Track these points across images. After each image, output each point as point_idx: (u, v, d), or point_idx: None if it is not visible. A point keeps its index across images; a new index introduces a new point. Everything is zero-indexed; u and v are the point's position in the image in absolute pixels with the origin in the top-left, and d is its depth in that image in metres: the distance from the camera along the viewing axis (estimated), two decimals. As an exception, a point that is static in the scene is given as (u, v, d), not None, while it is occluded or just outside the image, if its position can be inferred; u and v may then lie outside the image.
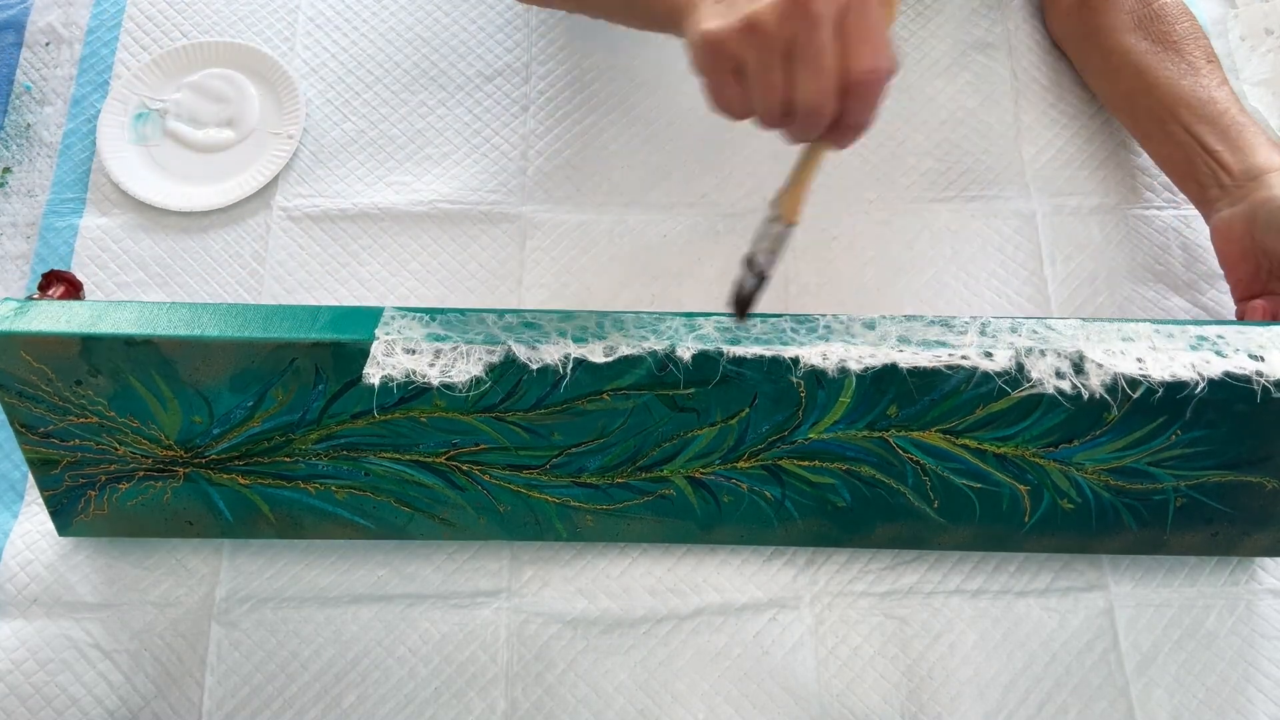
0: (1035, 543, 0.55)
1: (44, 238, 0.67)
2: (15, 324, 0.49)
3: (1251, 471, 0.51)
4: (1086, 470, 0.52)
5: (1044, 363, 0.49)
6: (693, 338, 0.49)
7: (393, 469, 0.53)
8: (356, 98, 0.71)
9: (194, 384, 0.50)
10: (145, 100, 0.70)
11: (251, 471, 0.53)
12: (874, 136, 0.70)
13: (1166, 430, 0.50)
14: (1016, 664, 0.56)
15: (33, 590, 0.57)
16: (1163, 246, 0.67)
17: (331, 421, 0.51)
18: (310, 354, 0.49)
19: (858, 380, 0.49)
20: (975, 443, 0.51)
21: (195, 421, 0.51)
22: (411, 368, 0.48)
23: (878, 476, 0.53)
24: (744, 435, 0.51)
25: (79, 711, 0.54)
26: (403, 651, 0.56)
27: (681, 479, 0.53)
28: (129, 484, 0.53)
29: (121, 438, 0.51)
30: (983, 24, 0.74)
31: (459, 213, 0.67)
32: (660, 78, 0.72)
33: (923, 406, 0.50)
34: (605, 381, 0.49)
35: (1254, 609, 0.57)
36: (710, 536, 0.56)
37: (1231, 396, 0.48)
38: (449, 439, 0.51)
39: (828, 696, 0.55)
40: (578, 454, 0.52)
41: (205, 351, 0.49)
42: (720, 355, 0.49)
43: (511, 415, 0.51)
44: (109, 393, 0.50)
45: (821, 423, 0.51)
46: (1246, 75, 0.73)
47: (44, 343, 0.48)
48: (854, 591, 0.58)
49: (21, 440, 0.52)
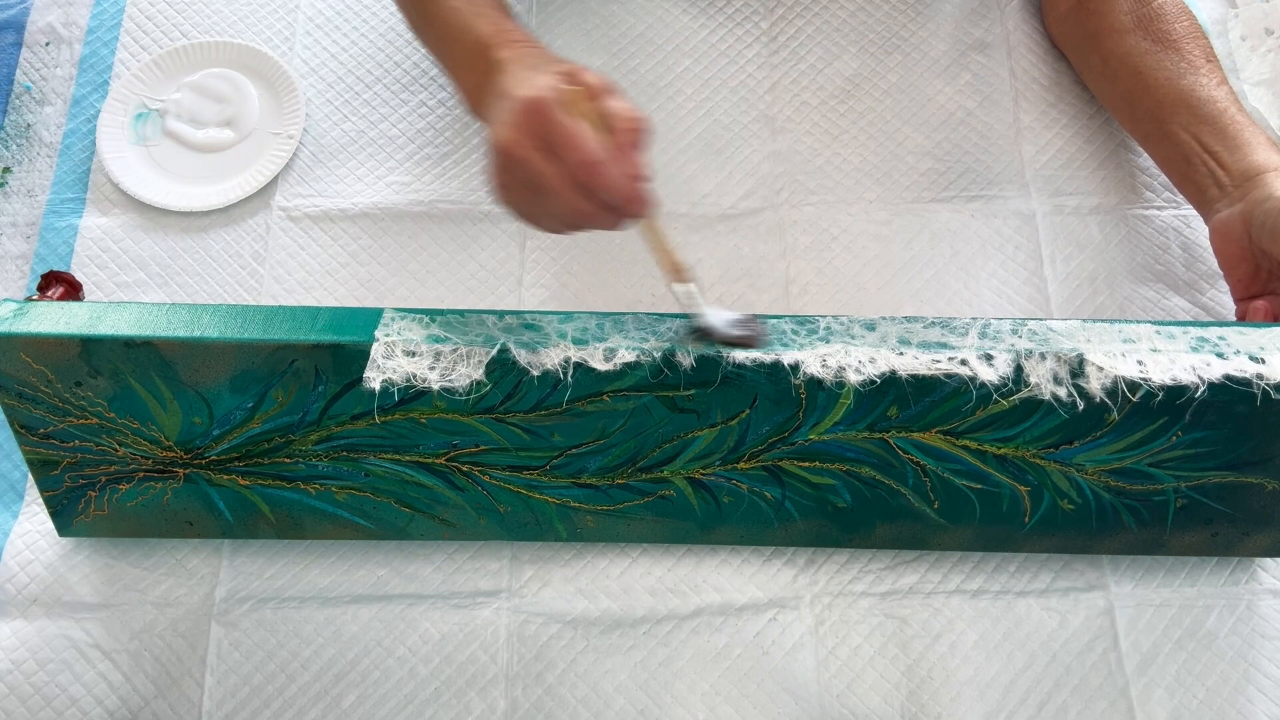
0: (1035, 543, 0.55)
1: (44, 238, 0.67)
2: (15, 325, 0.49)
3: (1252, 472, 0.51)
4: (1087, 471, 0.52)
5: (1043, 367, 0.49)
6: (692, 347, 0.49)
7: (392, 470, 0.52)
8: (356, 98, 0.71)
9: (194, 385, 0.50)
10: (145, 100, 0.70)
11: (251, 472, 0.53)
12: (874, 136, 0.70)
13: (1167, 432, 0.50)
14: (1016, 664, 0.56)
15: (33, 590, 0.57)
16: (1163, 246, 0.67)
17: (331, 423, 0.51)
18: (310, 355, 0.48)
19: (857, 387, 0.49)
20: (976, 444, 0.51)
21: (195, 423, 0.51)
22: (412, 371, 0.48)
23: (878, 477, 0.52)
24: (744, 436, 0.51)
25: (79, 711, 0.54)
26: (403, 651, 0.56)
27: (682, 480, 0.53)
28: (129, 485, 0.53)
29: (121, 439, 0.51)
30: (982, 24, 0.74)
31: (459, 213, 0.67)
32: (660, 78, 0.72)
33: (923, 408, 0.50)
34: (605, 383, 0.49)
35: (1254, 609, 0.57)
36: (710, 537, 0.56)
37: (1232, 399, 0.48)
38: (449, 440, 0.51)
39: (828, 696, 0.55)
40: (578, 455, 0.52)
41: (205, 353, 0.49)
42: (720, 358, 0.49)
43: (511, 416, 0.50)
44: (109, 394, 0.50)
45: (822, 424, 0.51)
46: (1247, 75, 0.73)
47: (44, 344, 0.48)
48: (854, 591, 0.58)
49: (21, 441, 0.52)
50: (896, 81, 0.72)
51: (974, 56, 0.73)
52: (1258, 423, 0.49)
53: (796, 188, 0.69)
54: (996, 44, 0.74)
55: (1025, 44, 0.74)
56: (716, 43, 0.74)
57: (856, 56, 0.73)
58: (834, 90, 0.72)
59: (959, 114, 0.71)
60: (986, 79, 0.72)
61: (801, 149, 0.70)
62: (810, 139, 0.70)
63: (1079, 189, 0.69)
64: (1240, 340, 0.49)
